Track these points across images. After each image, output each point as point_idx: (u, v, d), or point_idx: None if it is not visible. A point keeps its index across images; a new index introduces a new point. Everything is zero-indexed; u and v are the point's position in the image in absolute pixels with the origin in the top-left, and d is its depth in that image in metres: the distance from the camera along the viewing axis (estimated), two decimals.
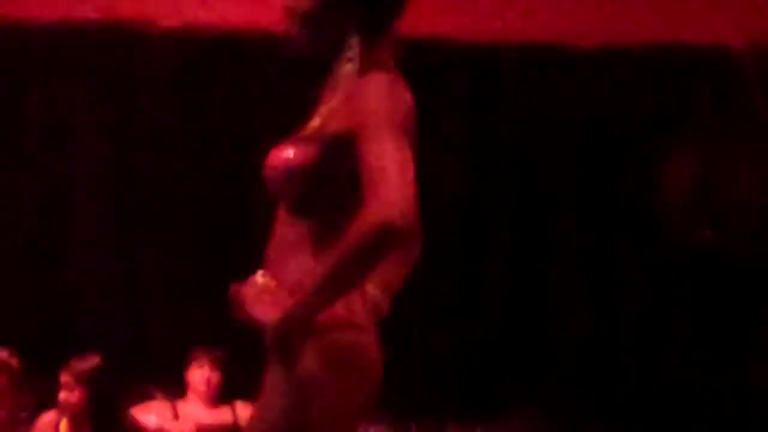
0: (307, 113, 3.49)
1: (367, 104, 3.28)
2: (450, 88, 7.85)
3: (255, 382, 3.61)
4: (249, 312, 3.35)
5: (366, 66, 3.40)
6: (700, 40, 7.74)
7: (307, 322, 3.27)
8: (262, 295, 3.37)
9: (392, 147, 3.20)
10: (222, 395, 7.33)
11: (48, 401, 6.89)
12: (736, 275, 7.34)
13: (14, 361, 6.39)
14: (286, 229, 3.44)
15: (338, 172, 3.32)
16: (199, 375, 7.26)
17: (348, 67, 3.44)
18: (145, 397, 7.37)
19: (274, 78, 7.66)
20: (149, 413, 7.18)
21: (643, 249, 7.82)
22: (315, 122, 3.44)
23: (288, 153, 3.37)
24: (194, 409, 7.27)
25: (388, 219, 3.08)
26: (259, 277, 3.42)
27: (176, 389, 7.39)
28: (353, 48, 3.44)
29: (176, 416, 7.23)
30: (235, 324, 3.39)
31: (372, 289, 3.57)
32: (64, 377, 6.72)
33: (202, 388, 7.24)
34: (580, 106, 7.99)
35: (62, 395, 6.71)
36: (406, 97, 3.37)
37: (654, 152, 7.66)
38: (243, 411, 7.20)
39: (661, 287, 7.75)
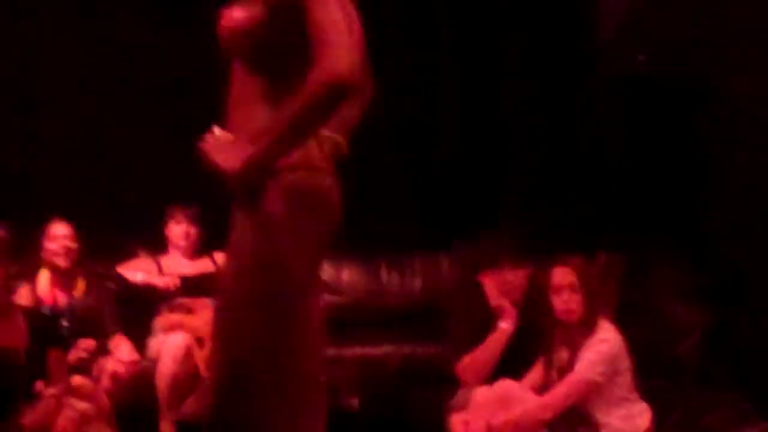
0: None
1: None
2: None
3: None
4: (212, 162, 3.53)
5: None
6: None
7: (267, 167, 3.47)
8: (222, 145, 3.57)
9: (336, 9, 3.42)
10: (201, 247, 7.53)
11: (34, 266, 7.02)
12: (667, 94, 7.36)
13: (2, 232, 6.54)
14: (242, 86, 3.66)
15: (286, 31, 3.50)
16: (178, 230, 7.50)
17: None
18: (129, 255, 7.52)
19: None
20: (135, 270, 7.36)
21: (585, 71, 7.84)
22: None
23: (235, 13, 3.60)
24: (176, 262, 7.49)
25: (339, 75, 3.31)
26: (216, 130, 3.62)
27: (158, 246, 7.56)
28: None
29: (160, 270, 7.40)
30: (207, 179, 3.58)
31: (328, 132, 3.67)
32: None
33: (182, 242, 7.48)
34: None
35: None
36: None
37: None
38: (221, 260, 6.95)
39: (602, 108, 7.80)
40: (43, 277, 7.04)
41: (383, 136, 7.50)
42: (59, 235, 7.02)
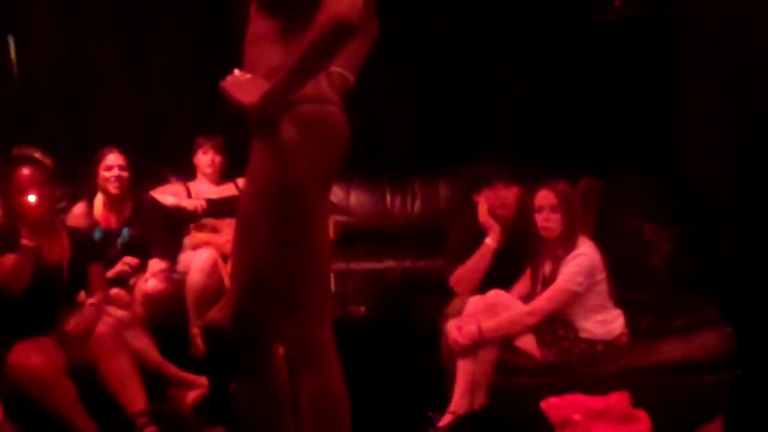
0: None
1: None
2: None
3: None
4: (232, 98, 3.58)
5: None
6: None
7: (282, 100, 3.53)
8: (240, 83, 3.61)
9: None
10: (224, 174, 7.49)
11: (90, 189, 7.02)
12: (640, 33, 7.39)
13: (47, 159, 6.31)
14: (258, 27, 3.69)
15: None
16: (205, 159, 7.45)
17: None
18: (161, 181, 7.53)
19: None
20: (166, 194, 7.34)
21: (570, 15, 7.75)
22: None
23: None
24: (204, 187, 7.45)
25: (342, 15, 3.33)
26: (237, 71, 3.65)
27: (187, 173, 7.54)
28: None
29: (189, 194, 7.38)
30: (230, 114, 3.70)
31: (337, 68, 3.81)
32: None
33: (208, 170, 7.44)
34: None
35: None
36: None
37: None
38: (243, 184, 7.31)
39: (584, 47, 7.80)
40: (98, 200, 7.04)
41: (388, 71, 7.44)
42: (114, 164, 6.97)
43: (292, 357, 3.76)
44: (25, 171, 5.83)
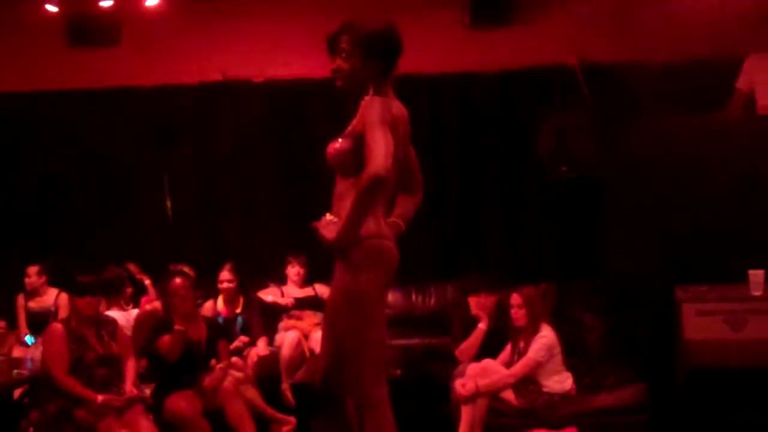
0: (345, 125, 3.74)
1: (366, 112, 3.59)
2: None
3: (326, 272, 3.86)
4: (323, 234, 3.63)
5: (373, 94, 3.64)
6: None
7: (350, 236, 3.54)
8: (329, 224, 3.65)
9: (378, 133, 3.49)
10: (306, 281, 7.39)
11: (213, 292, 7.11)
12: (579, 190, 7.34)
13: (191, 272, 6.50)
14: (340, 187, 3.71)
15: (362, 151, 3.53)
16: (293, 270, 7.39)
17: (366, 98, 3.64)
18: (264, 286, 7.45)
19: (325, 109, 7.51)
20: (267, 294, 7.34)
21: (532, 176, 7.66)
22: (349, 127, 3.68)
23: (335, 144, 3.68)
24: (292, 289, 7.37)
25: (376, 172, 3.40)
26: (328, 216, 3.69)
27: (281, 280, 7.45)
28: (369, 88, 3.66)
29: (282, 294, 7.32)
30: (311, 241, 3.73)
31: (394, 217, 3.82)
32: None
33: (295, 278, 7.37)
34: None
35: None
36: (392, 106, 3.62)
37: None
38: (319, 288, 7.22)
39: (541, 198, 7.67)
40: (220, 299, 7.12)
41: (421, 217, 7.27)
42: (225, 278, 7.10)
43: (360, 405, 3.73)
44: (178, 280, 6.03)
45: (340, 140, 3.69)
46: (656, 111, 6.66)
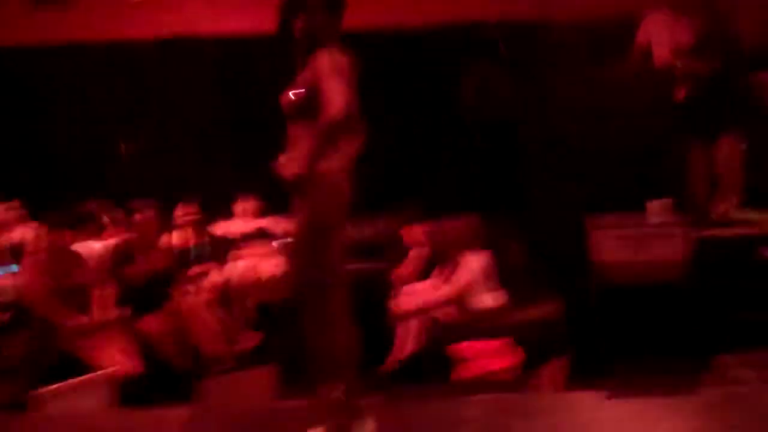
0: (296, 76, 3.65)
1: (318, 63, 3.51)
2: None
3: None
4: (281, 173, 3.57)
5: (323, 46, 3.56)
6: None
7: (306, 173, 3.48)
8: (286, 165, 3.58)
9: (332, 82, 3.43)
10: (260, 215, 7.23)
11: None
12: (501, 135, 7.22)
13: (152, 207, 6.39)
14: (295, 131, 3.64)
15: (313, 99, 3.49)
16: (240, 207, 7.23)
17: (319, 50, 3.54)
18: (214, 221, 7.17)
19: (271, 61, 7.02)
20: (216, 228, 7.08)
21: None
22: (301, 78, 3.61)
23: (290, 92, 3.62)
24: (241, 223, 7.20)
25: (334, 116, 3.38)
26: (283, 157, 3.63)
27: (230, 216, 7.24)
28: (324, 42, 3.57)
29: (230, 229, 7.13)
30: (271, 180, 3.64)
31: (340, 156, 3.62)
32: None
33: (245, 212, 7.22)
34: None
35: None
36: (339, 55, 3.55)
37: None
38: (271, 221, 7.09)
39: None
40: (176, 233, 6.90)
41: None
42: (180, 214, 6.92)
43: (324, 321, 3.66)
44: (140, 215, 5.98)
45: (293, 91, 3.64)
46: (568, 64, 6.65)
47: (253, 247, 6.93)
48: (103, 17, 7.57)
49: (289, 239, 3.89)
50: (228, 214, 7.36)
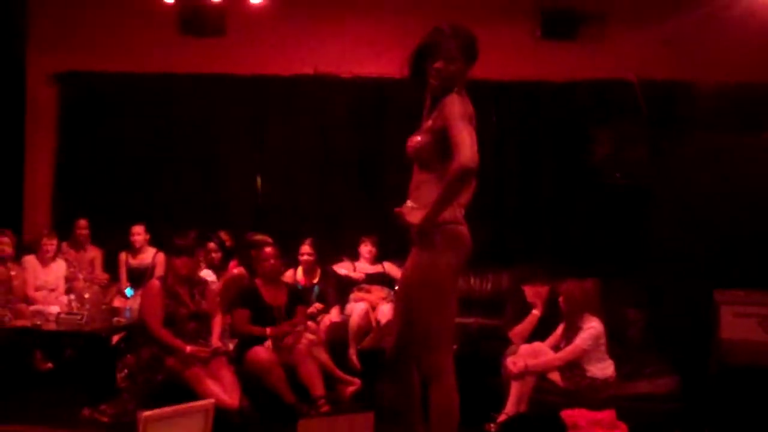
0: (423, 121, 3.73)
1: (449, 108, 3.56)
2: None
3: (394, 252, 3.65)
4: (407, 219, 3.64)
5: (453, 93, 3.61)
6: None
7: (434, 221, 3.54)
8: (412, 210, 3.65)
9: (463, 128, 3.49)
10: (376, 259, 7.36)
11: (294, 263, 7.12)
12: (631, 196, 7.18)
13: (273, 246, 6.36)
14: (418, 177, 3.72)
15: (440, 144, 3.55)
16: (366, 249, 7.37)
17: (449, 96, 3.60)
18: (338, 260, 7.41)
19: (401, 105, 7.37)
20: (341, 268, 7.32)
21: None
22: (428, 123, 3.68)
23: (416, 138, 3.70)
24: (363, 265, 7.36)
25: (466, 164, 3.40)
26: (409, 203, 3.70)
27: (354, 256, 7.42)
28: (454, 88, 3.63)
29: (355, 269, 7.31)
30: (388, 224, 3.79)
31: (460, 205, 3.71)
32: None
33: (367, 255, 7.36)
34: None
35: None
36: (467, 103, 3.60)
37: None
38: (388, 266, 7.25)
39: (596, 199, 7.50)
40: (300, 270, 7.15)
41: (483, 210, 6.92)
42: (306, 252, 7.11)
43: (428, 375, 3.73)
44: (268, 249, 6.09)
45: (420, 135, 3.69)
46: (706, 128, 6.57)
47: (373, 291, 7.08)
48: (246, 52, 8.02)
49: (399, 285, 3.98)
50: (352, 255, 7.51)
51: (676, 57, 7.27)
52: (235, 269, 6.96)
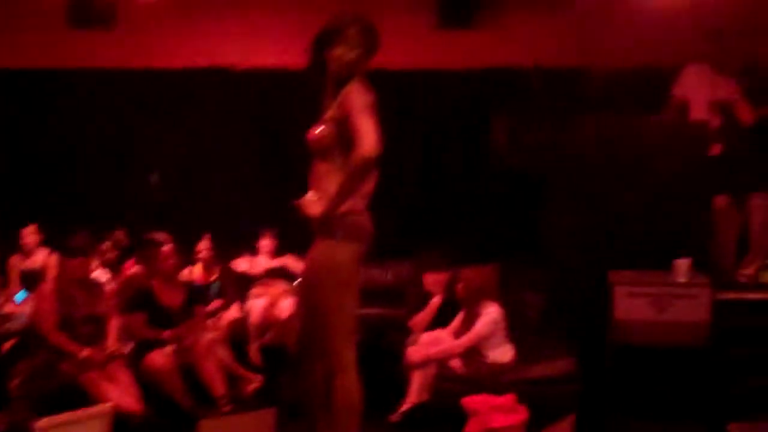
0: (324, 110, 3.73)
1: (351, 98, 3.57)
2: None
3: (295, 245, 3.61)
4: (307, 210, 3.64)
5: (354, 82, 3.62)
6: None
7: (334, 212, 3.56)
8: (312, 202, 3.65)
9: (365, 118, 3.49)
10: (277, 253, 7.36)
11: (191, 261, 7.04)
12: (527, 181, 7.18)
13: (171, 245, 6.26)
14: (319, 168, 3.71)
15: (342, 135, 3.56)
16: (265, 243, 7.36)
17: (349, 85, 3.62)
18: (237, 256, 7.37)
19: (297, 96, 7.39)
20: (239, 263, 7.30)
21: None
22: (329, 113, 3.67)
23: (317, 128, 3.68)
24: (262, 260, 7.34)
25: (368, 154, 3.42)
26: (310, 194, 3.69)
27: (253, 251, 7.41)
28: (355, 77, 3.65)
29: (253, 265, 7.29)
30: (288, 217, 3.79)
31: (362, 196, 3.70)
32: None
33: (266, 249, 7.35)
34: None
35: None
36: (369, 91, 3.61)
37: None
38: (289, 260, 7.21)
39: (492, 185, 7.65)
40: (198, 267, 7.09)
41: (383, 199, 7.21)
42: (203, 248, 7.09)
43: (331, 368, 3.75)
44: (166, 248, 6.03)
45: (321, 125, 3.69)
46: (599, 112, 6.70)
47: (274, 286, 7.09)
48: (139, 44, 7.88)
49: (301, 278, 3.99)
50: (250, 250, 7.48)
51: (571, 43, 7.37)
52: (132, 269, 6.86)
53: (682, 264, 5.66)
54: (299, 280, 6.50)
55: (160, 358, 5.68)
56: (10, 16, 7.71)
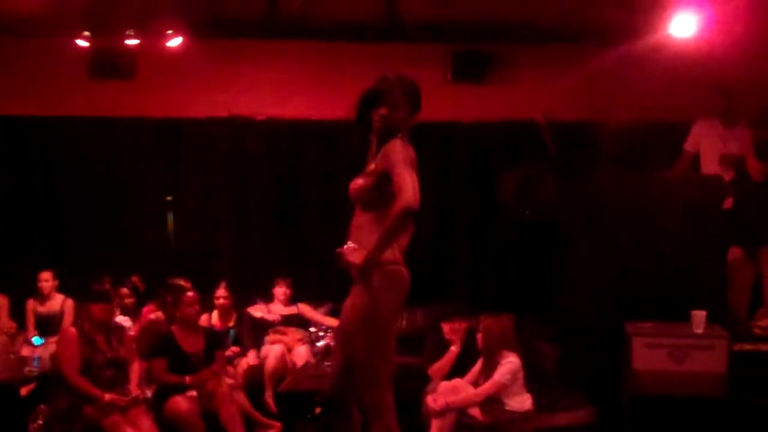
0: (366, 163, 3.85)
1: (392, 153, 3.69)
2: None
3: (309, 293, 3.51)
4: (348, 259, 3.71)
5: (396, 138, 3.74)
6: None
7: (375, 262, 3.62)
8: (353, 251, 3.72)
9: (406, 172, 3.61)
10: (291, 300, 7.38)
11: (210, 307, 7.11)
12: (538, 231, 7.33)
13: (192, 293, 6.33)
14: (360, 219, 3.80)
15: (383, 187, 3.66)
16: (280, 290, 7.38)
17: (392, 141, 3.72)
18: (252, 302, 7.43)
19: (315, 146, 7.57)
20: (255, 310, 7.34)
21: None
22: (371, 166, 3.79)
23: (359, 180, 3.80)
24: (278, 307, 7.37)
25: (410, 205, 3.53)
26: (350, 243, 3.76)
27: (269, 298, 7.43)
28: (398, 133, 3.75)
29: (269, 311, 7.33)
30: (302, 265, 3.86)
31: (399, 246, 3.74)
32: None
33: (281, 297, 7.37)
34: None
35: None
36: (410, 148, 3.73)
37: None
38: (302, 307, 7.29)
39: (504, 238, 7.73)
40: (215, 314, 7.18)
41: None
42: (221, 295, 7.16)
43: (369, 413, 3.77)
44: (190, 294, 6.12)
45: (362, 177, 3.80)
46: (611, 166, 6.84)
47: (289, 333, 7.14)
48: (159, 94, 8.02)
49: (329, 327, 4.02)
50: (266, 297, 7.52)
51: (582, 99, 7.62)
52: (151, 314, 6.94)
53: (699, 315, 5.74)
54: (319, 327, 6.68)
55: (184, 402, 5.74)
56: (33, 67, 7.87)
